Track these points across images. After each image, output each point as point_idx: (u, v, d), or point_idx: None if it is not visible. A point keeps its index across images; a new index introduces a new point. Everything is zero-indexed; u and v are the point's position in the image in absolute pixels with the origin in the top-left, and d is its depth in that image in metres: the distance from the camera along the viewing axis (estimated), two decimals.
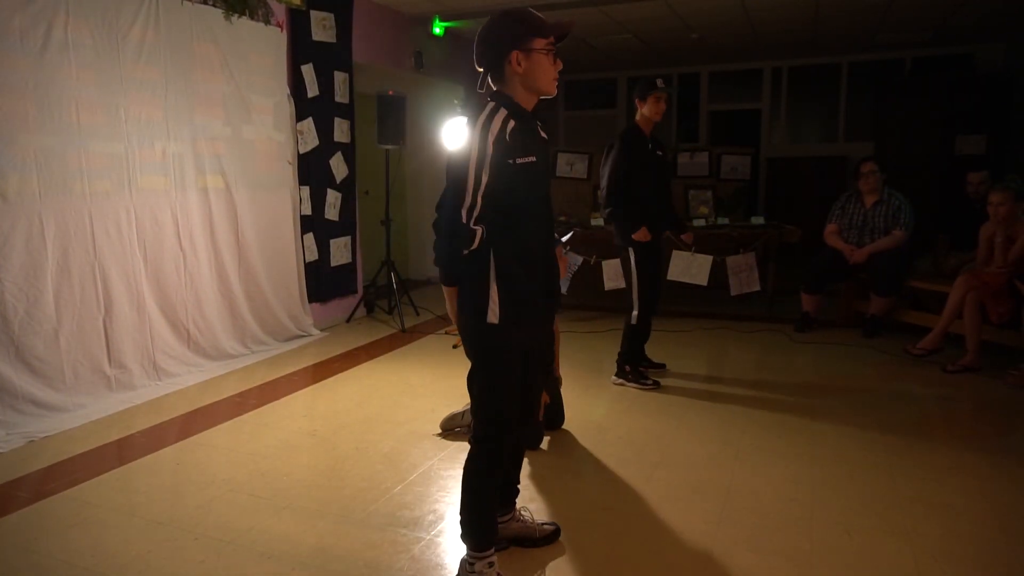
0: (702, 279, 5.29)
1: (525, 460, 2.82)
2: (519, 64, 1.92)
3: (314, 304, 5.37)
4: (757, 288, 5.66)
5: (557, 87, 2.00)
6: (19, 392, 3.37)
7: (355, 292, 5.87)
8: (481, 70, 2.00)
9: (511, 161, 1.89)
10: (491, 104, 1.93)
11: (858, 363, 4.49)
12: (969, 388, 3.98)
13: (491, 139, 1.87)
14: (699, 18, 6.45)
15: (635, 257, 3.89)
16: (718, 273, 5.51)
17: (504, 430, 2.03)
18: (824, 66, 8.50)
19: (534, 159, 1.95)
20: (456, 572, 2.12)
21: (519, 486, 2.39)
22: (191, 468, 2.97)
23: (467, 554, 2.08)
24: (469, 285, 1.96)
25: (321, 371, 4.40)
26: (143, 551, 2.31)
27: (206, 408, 3.72)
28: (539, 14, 1.96)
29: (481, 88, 2.02)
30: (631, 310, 3.96)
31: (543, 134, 2.06)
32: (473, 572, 2.04)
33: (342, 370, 4.43)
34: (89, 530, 2.45)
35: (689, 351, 4.82)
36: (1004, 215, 4.24)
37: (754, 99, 8.90)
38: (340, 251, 5.66)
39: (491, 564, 2.06)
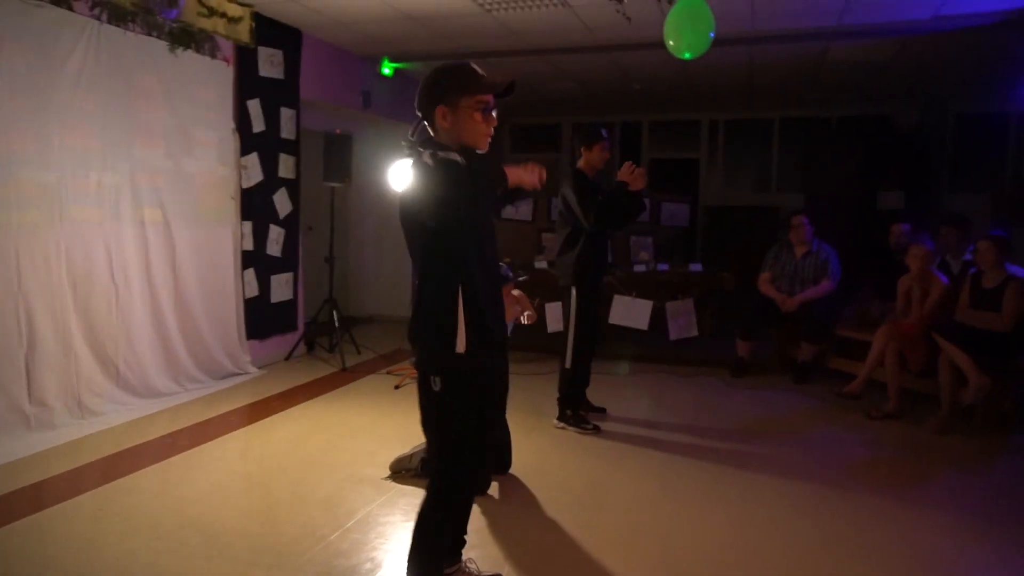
0: (643, 323, 5.40)
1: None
2: (444, 119, 1.93)
3: (252, 341, 5.24)
4: (695, 334, 5.81)
5: (502, 132, 2.02)
6: None
7: (295, 329, 5.76)
8: (420, 115, 2.00)
9: (474, 190, 1.88)
10: (437, 145, 1.93)
11: (789, 408, 4.65)
12: (892, 434, 4.15)
13: (455, 175, 1.84)
14: (640, 71, 6.72)
15: (576, 299, 3.96)
16: (657, 317, 5.64)
17: (464, 474, 2.03)
18: (758, 120, 8.94)
19: (486, 192, 1.98)
20: None
21: (466, 536, 2.36)
22: (113, 515, 2.82)
23: None
24: (434, 315, 1.93)
25: (258, 411, 4.28)
26: None
27: (132, 449, 3.56)
28: (478, 70, 1.95)
29: (412, 135, 2.01)
30: (564, 354, 4.01)
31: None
32: None
33: (280, 410, 4.31)
34: None
35: (629, 393, 4.89)
36: (919, 269, 4.51)
37: (693, 149, 9.26)
38: (281, 287, 5.56)
39: None
